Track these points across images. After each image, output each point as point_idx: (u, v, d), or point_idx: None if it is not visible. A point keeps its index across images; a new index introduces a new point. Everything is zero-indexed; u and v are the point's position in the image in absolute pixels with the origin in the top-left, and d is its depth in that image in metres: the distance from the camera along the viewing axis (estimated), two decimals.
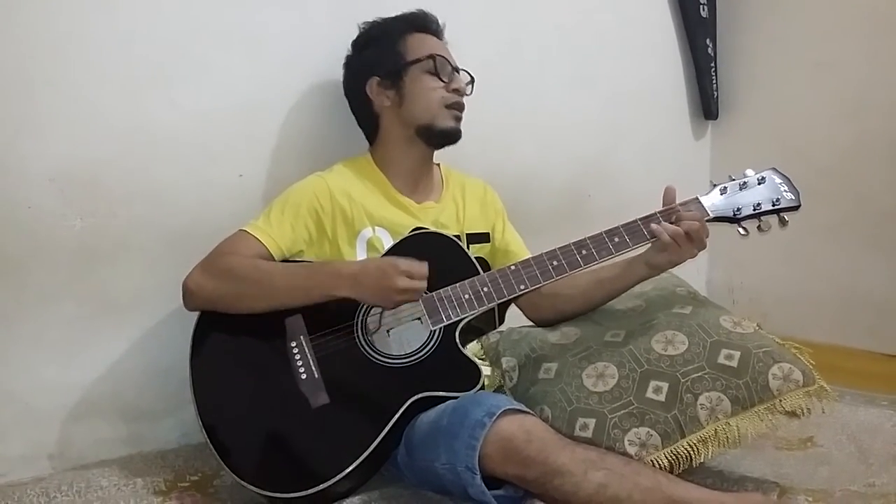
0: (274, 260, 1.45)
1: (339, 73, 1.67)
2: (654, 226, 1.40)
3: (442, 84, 1.57)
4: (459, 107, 1.59)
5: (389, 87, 1.58)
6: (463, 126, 1.61)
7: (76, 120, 1.49)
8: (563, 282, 1.45)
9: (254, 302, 1.39)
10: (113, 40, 1.52)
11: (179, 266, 1.44)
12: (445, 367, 1.38)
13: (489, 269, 1.51)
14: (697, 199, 1.45)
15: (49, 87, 1.46)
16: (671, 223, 1.40)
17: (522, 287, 1.42)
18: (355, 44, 1.65)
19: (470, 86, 1.64)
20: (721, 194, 1.45)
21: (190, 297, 1.42)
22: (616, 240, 1.42)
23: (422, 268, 1.36)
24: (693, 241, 1.39)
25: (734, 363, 1.34)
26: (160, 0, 1.56)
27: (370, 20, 1.65)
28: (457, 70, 1.61)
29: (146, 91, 1.56)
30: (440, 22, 1.64)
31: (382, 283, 1.34)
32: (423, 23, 1.62)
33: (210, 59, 1.63)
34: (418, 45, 1.59)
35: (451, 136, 1.60)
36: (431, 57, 1.56)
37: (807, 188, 1.49)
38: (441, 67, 1.57)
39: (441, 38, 1.64)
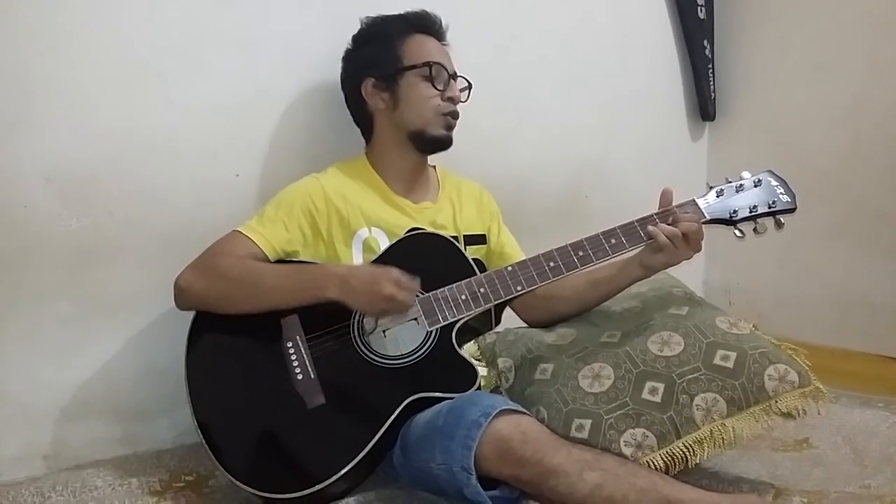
0: (268, 260, 1.45)
1: (336, 74, 1.67)
2: (650, 227, 1.40)
3: (437, 92, 1.56)
4: (454, 115, 1.59)
5: (384, 90, 1.58)
6: (460, 127, 1.61)
7: (72, 119, 1.49)
8: (557, 283, 1.45)
9: (244, 301, 1.39)
10: (109, 40, 1.51)
11: (175, 266, 1.44)
12: (442, 368, 1.38)
13: (485, 271, 1.50)
14: (694, 201, 1.45)
15: (45, 86, 1.46)
16: (668, 224, 1.40)
17: (519, 288, 1.42)
18: (355, 39, 1.64)
19: (466, 92, 1.63)
20: (717, 196, 1.45)
21: (181, 296, 1.42)
22: (613, 241, 1.42)
23: (412, 280, 1.36)
24: (689, 243, 1.39)
25: (730, 364, 1.34)
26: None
27: (373, 16, 1.63)
28: (454, 77, 1.61)
29: (143, 91, 1.56)
30: (443, 23, 1.63)
31: (371, 288, 1.34)
32: (424, 24, 1.61)
33: (207, 59, 1.62)
34: (417, 48, 1.58)
35: (442, 144, 1.60)
36: (428, 64, 1.56)
37: (803, 190, 1.49)
38: (437, 75, 1.56)
39: (442, 39, 1.63)
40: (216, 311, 1.40)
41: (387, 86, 1.57)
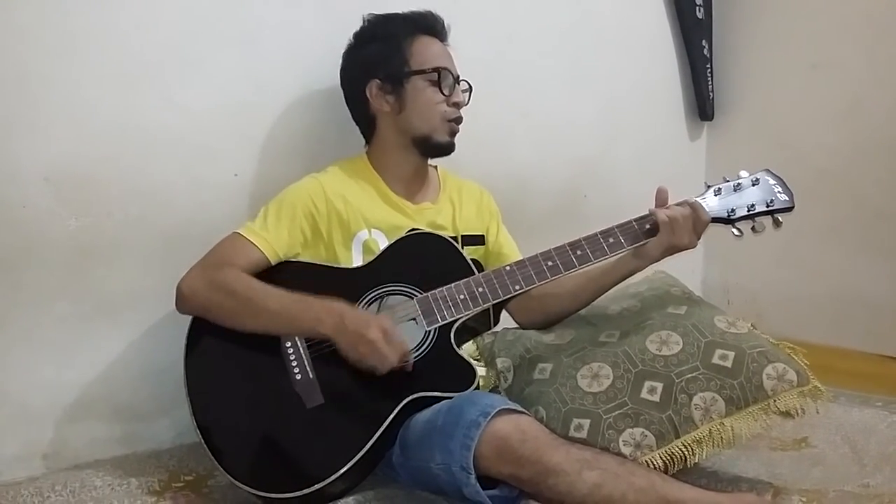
0: (270, 264, 1.45)
1: (335, 73, 1.66)
2: (651, 209, 1.41)
3: (443, 98, 1.56)
4: (458, 121, 1.59)
5: (390, 93, 1.56)
6: (459, 126, 1.61)
7: (71, 119, 1.49)
8: (552, 282, 1.45)
9: (244, 320, 1.39)
10: (108, 39, 1.51)
11: (175, 266, 1.44)
12: (440, 368, 1.38)
13: (483, 271, 1.50)
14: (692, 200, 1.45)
15: (44, 85, 1.46)
16: None
17: (517, 287, 1.42)
18: (358, 37, 1.62)
19: (467, 94, 1.63)
20: (715, 195, 1.45)
21: (183, 302, 1.42)
22: (611, 240, 1.42)
23: (403, 341, 1.34)
24: (688, 225, 1.39)
25: (728, 363, 1.34)
26: None
27: (376, 13, 1.62)
28: (457, 80, 1.60)
29: (142, 90, 1.56)
30: (445, 24, 1.62)
31: (358, 329, 1.31)
32: (429, 25, 1.60)
33: (206, 58, 1.63)
34: (424, 51, 1.57)
35: (445, 150, 1.60)
36: (437, 70, 1.55)
37: (802, 189, 1.49)
38: (444, 80, 1.56)
39: (445, 40, 1.62)
40: (214, 322, 1.40)
41: (392, 88, 1.56)
